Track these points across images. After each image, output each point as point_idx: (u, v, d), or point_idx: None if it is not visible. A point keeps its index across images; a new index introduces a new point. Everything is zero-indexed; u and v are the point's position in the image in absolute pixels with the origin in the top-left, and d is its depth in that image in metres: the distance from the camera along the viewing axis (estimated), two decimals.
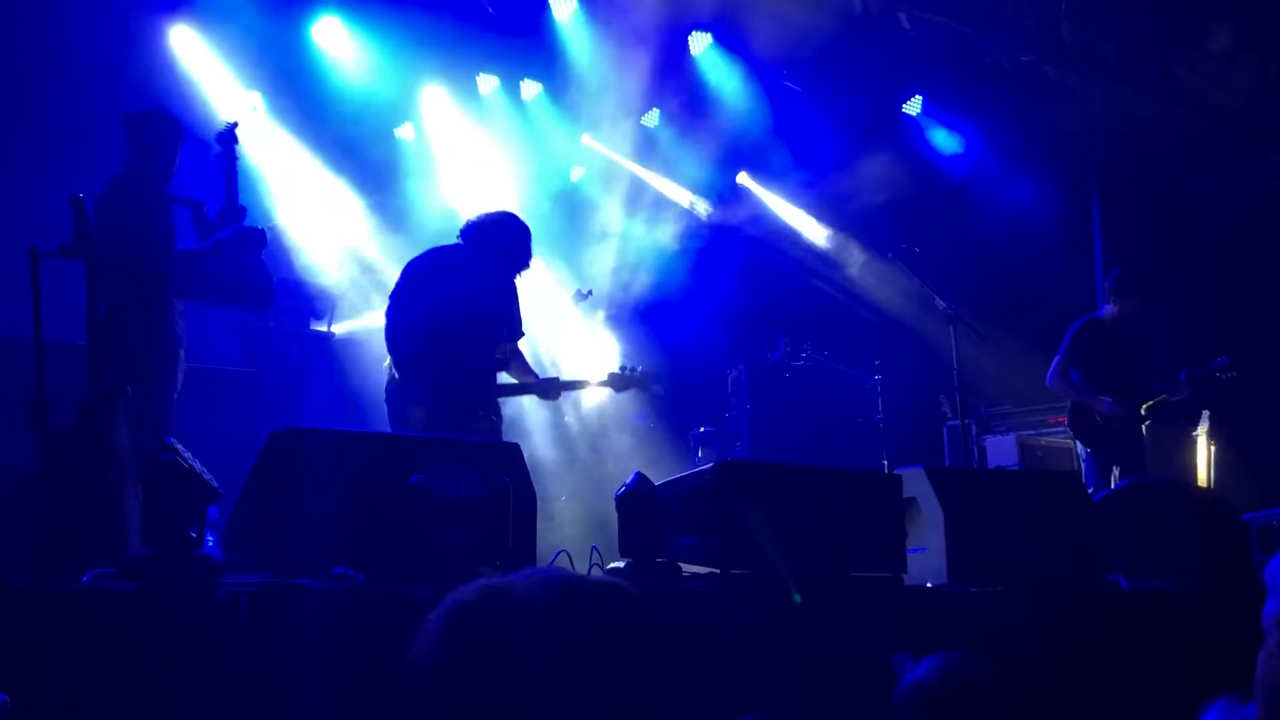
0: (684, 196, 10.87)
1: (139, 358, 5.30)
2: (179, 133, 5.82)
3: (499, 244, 5.68)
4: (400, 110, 9.82)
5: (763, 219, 11.34)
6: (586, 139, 10.60)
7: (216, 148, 5.81)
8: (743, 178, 11.25)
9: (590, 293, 8.40)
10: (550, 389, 5.93)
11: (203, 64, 8.69)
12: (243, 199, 5.89)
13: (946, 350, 6.89)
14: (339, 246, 9.27)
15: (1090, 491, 5.72)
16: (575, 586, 1.33)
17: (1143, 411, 7.45)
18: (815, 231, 11.01)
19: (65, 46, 7.59)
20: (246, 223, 5.76)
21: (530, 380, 5.86)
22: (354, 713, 2.97)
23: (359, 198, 9.56)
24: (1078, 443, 7.84)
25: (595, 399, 8.17)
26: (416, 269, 5.65)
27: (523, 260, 5.75)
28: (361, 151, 9.56)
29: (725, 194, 11.13)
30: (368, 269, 9.38)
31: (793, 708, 3.55)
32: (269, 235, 7.73)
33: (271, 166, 9.10)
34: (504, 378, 5.80)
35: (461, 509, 3.63)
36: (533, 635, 1.25)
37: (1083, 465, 7.75)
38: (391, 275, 9.50)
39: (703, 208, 10.83)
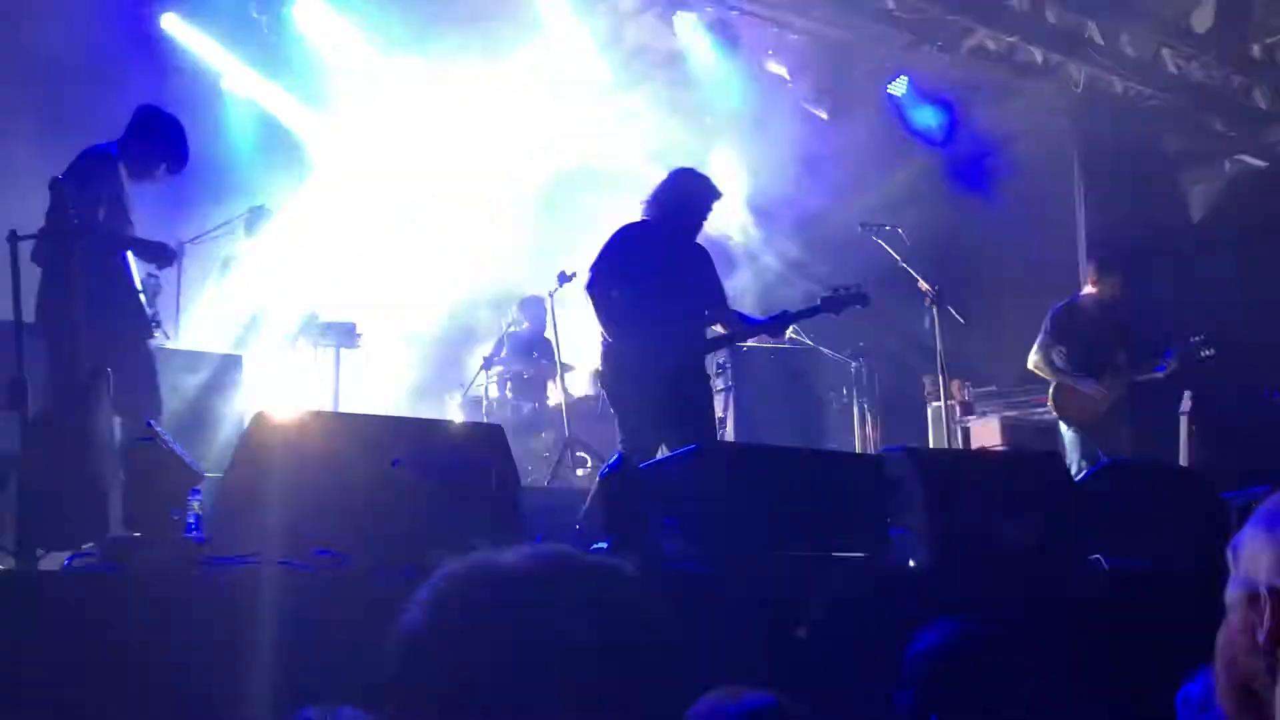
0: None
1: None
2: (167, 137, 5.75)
3: (685, 203, 5.78)
4: (380, 91, 9.76)
5: (745, 200, 11.32)
6: (571, 119, 10.56)
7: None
8: (723, 154, 11.21)
9: (574, 275, 8.38)
10: (779, 325, 5.98)
11: (189, 47, 8.66)
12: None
13: (930, 331, 6.90)
14: (327, 231, 9.24)
15: (1072, 471, 5.76)
16: (564, 561, 1.32)
17: (1126, 388, 7.50)
18: (798, 212, 10.99)
19: (53, 33, 7.54)
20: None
21: (753, 328, 5.92)
22: (337, 693, 2.97)
23: (348, 180, 9.52)
24: (1061, 423, 7.88)
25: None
26: (609, 247, 5.73)
27: (707, 211, 5.83)
28: (345, 132, 9.53)
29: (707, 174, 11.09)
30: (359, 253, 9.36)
31: (773, 687, 3.57)
32: (259, 216, 7.74)
33: (258, 147, 9.06)
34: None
35: (444, 490, 3.63)
36: (515, 605, 1.24)
37: (1065, 445, 7.79)
38: (379, 261, 9.57)
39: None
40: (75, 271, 4.34)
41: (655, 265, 5.58)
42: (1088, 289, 7.89)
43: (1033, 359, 7.80)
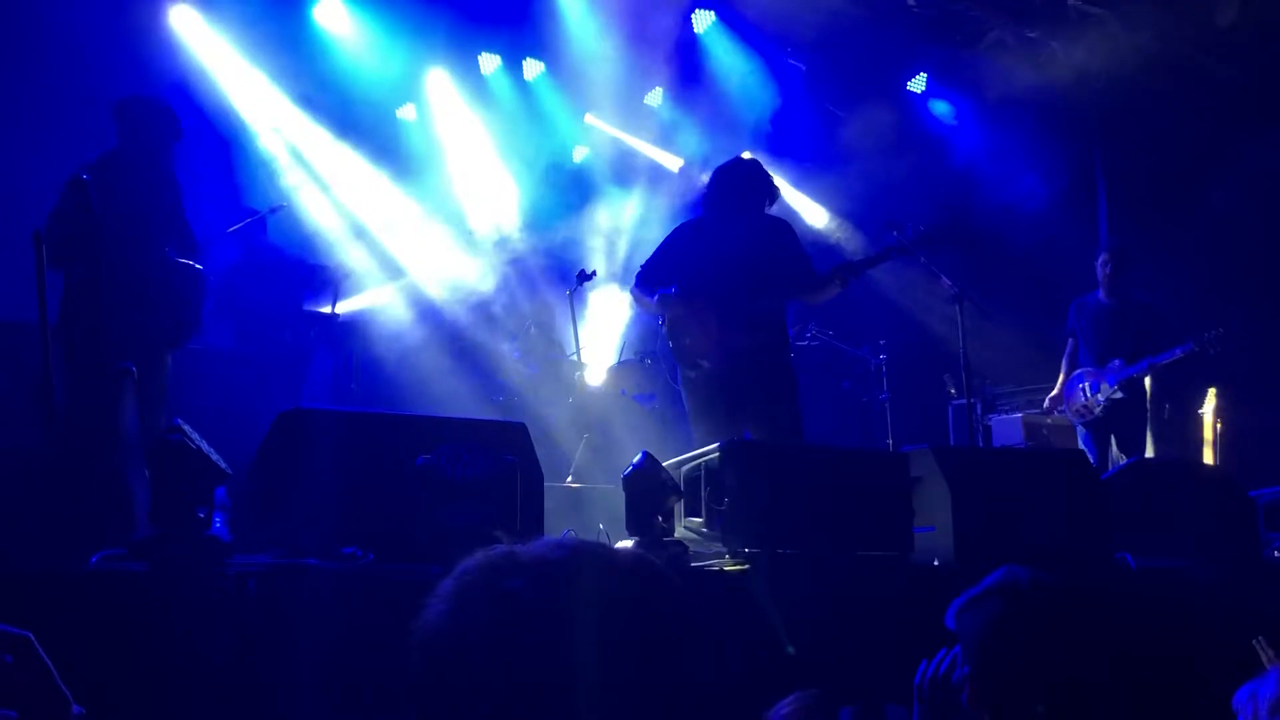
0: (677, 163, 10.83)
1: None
2: (168, 119, 5.75)
3: (731, 192, 5.73)
4: (402, 90, 9.78)
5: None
6: (589, 118, 10.56)
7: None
8: (746, 157, 11.20)
9: (593, 274, 8.37)
10: (849, 271, 5.92)
11: (204, 45, 8.66)
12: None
13: (952, 329, 6.85)
14: (343, 227, 9.26)
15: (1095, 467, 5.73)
16: (593, 552, 1.30)
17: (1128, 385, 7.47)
18: (818, 209, 10.97)
19: (67, 29, 7.57)
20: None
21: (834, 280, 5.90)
22: (362, 692, 2.97)
23: (362, 178, 9.53)
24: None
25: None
26: (665, 245, 5.73)
27: (763, 193, 5.78)
28: (364, 132, 9.55)
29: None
30: (372, 249, 9.39)
31: (801, 686, 3.56)
32: (278, 215, 7.77)
33: (275, 146, 9.08)
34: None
35: (469, 488, 3.63)
36: (542, 596, 1.22)
37: (1081, 440, 7.78)
38: (395, 257, 9.58)
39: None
40: (101, 271, 4.35)
41: (708, 256, 5.56)
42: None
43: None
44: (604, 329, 9.90)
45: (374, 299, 9.20)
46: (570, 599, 1.23)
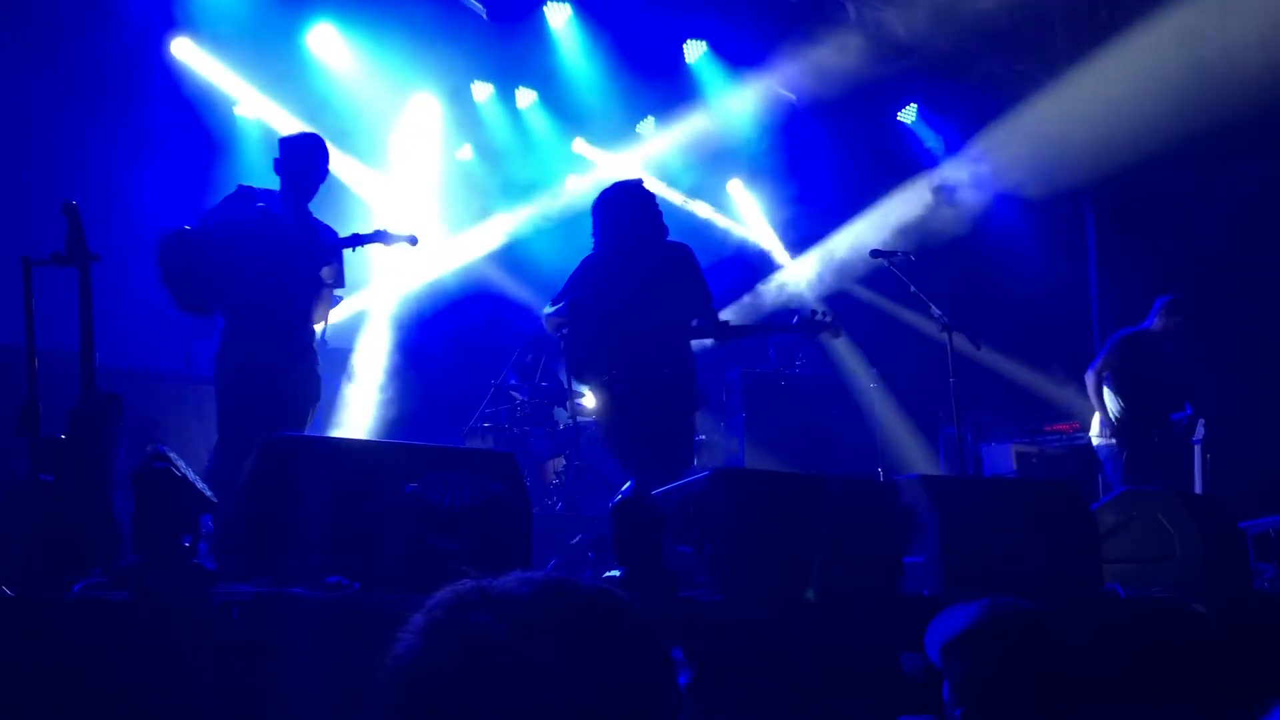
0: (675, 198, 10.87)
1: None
2: (313, 153, 5.71)
3: (610, 230, 5.67)
4: (395, 117, 9.81)
5: (756, 226, 11.35)
6: (580, 146, 10.60)
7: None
8: (735, 185, 11.25)
9: None
10: (728, 333, 5.93)
11: (201, 72, 8.69)
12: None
13: (942, 358, 6.86)
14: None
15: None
16: (556, 586, 1.31)
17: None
18: (808, 239, 11.00)
19: (64, 55, 7.59)
20: None
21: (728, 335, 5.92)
22: None
23: (355, 203, 9.54)
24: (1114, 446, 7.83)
25: None
26: (567, 285, 5.71)
27: (654, 214, 5.72)
28: (356, 158, 9.57)
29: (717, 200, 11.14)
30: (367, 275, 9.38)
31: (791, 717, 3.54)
32: None
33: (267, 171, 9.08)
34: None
35: (456, 517, 3.61)
36: (509, 631, 1.24)
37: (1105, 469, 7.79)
38: (387, 280, 9.57)
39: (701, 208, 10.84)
40: (89, 296, 4.33)
41: (612, 284, 5.55)
42: (1152, 321, 7.91)
43: (1089, 373, 7.84)
44: None
45: (362, 321, 9.19)
46: (536, 635, 1.24)
